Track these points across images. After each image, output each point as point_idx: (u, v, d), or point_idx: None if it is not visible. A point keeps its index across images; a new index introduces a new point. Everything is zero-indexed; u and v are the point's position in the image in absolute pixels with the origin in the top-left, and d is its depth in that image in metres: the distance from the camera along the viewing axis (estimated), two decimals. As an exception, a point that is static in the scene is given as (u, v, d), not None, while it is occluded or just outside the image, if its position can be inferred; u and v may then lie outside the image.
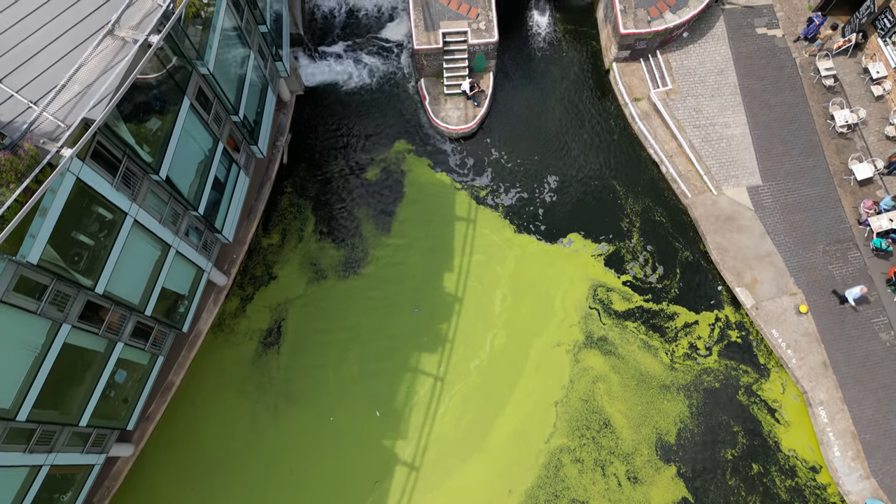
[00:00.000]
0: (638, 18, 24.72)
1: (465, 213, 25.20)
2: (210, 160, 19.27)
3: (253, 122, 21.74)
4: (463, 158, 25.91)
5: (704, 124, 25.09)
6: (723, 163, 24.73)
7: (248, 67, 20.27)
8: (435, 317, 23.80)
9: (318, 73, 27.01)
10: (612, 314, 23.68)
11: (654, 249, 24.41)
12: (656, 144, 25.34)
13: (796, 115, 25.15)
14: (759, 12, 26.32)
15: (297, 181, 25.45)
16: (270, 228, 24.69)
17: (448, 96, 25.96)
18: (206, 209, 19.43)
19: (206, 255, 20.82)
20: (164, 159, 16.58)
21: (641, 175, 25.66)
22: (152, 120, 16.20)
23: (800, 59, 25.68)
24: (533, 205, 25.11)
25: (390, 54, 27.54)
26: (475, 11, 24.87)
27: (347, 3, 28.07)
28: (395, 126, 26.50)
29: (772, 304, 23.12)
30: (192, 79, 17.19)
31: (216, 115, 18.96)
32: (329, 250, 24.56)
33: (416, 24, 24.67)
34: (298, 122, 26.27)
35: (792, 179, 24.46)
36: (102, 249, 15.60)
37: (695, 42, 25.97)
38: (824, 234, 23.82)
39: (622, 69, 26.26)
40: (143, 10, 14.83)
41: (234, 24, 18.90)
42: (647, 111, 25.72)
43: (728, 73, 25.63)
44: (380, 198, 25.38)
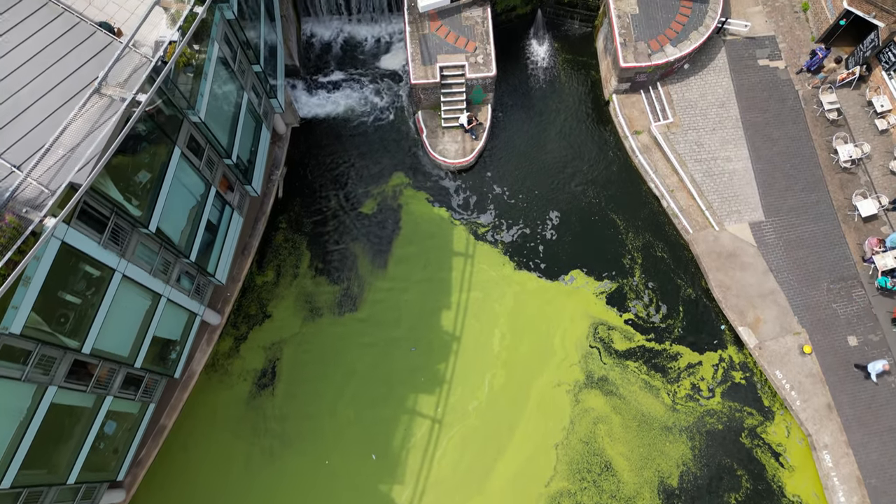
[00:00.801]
0: (638, 52, 24.36)
1: (462, 248, 24.81)
2: (202, 205, 18.90)
3: (247, 162, 21.38)
4: (461, 192, 25.53)
5: (706, 158, 24.71)
6: (725, 198, 24.35)
7: (242, 109, 19.91)
8: (432, 356, 23.39)
9: (314, 105, 26.63)
10: (613, 353, 23.27)
11: (657, 286, 24.02)
12: (657, 179, 24.96)
13: (799, 148, 24.78)
14: (760, 43, 25.96)
15: (293, 216, 25.05)
16: (265, 265, 24.29)
17: (446, 129, 25.58)
18: (198, 255, 19.06)
19: (198, 298, 20.44)
20: (154, 212, 16.21)
21: (642, 209, 25.28)
22: (141, 172, 15.82)
23: (802, 92, 25.31)
24: (533, 240, 24.72)
25: (387, 85, 27.16)
26: (473, 45, 24.50)
27: (343, 32, 27.71)
28: (392, 158, 26.12)
29: (775, 343, 22.72)
30: (182, 127, 16.82)
31: (208, 160, 18.59)
32: (324, 287, 24.16)
33: (413, 57, 24.29)
34: (294, 155, 25.89)
35: (795, 215, 24.08)
36: (90, 308, 15.21)
37: (696, 74, 25.60)
38: (828, 272, 23.43)
39: (622, 101, 25.89)
40: (131, 64, 14.47)
41: (226, 68, 18.53)
42: (648, 144, 25.34)
43: (730, 106, 25.26)
44: (376, 232, 24.98)
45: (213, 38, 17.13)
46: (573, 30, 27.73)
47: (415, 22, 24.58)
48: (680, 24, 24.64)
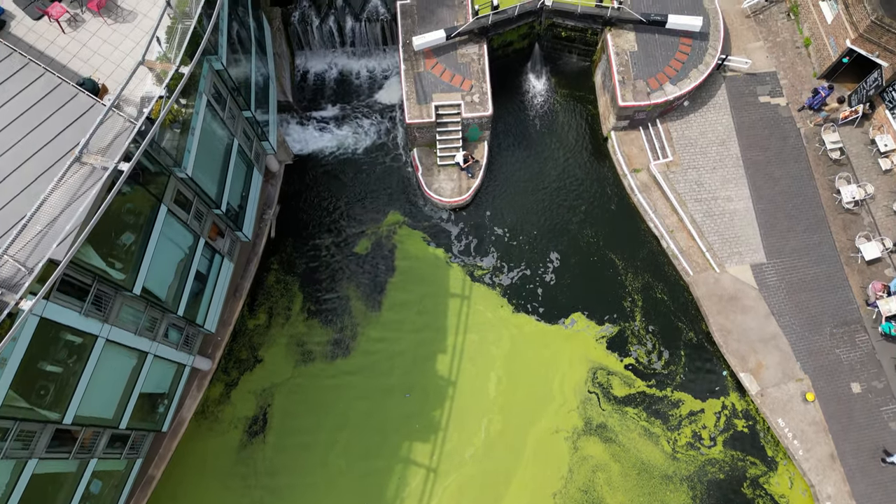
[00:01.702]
0: (637, 90, 23.93)
1: (459, 289, 24.34)
2: (190, 257, 18.45)
3: (238, 208, 20.94)
4: (458, 232, 25.06)
5: (706, 198, 24.27)
6: (725, 239, 23.90)
7: (232, 157, 19.46)
8: (427, 401, 22.91)
9: (307, 141, 26.19)
10: (612, 399, 22.79)
11: (657, 330, 23.54)
12: (656, 218, 24.51)
13: (801, 188, 24.34)
14: (761, 80, 25.53)
15: (285, 257, 24.59)
16: (256, 308, 23.82)
17: (441, 167, 25.13)
18: (186, 308, 18.59)
19: (187, 349, 19.97)
20: (139, 273, 15.75)
21: (641, 248, 24.83)
22: (125, 234, 15.37)
23: (804, 129, 24.89)
24: (531, 282, 24.25)
25: (382, 120, 26.73)
26: (469, 83, 24.07)
27: (337, 66, 27.27)
28: (387, 196, 25.67)
29: (777, 390, 22.25)
30: (169, 184, 16.38)
31: (197, 213, 18.14)
32: (317, 330, 23.68)
33: (408, 96, 23.86)
34: (287, 193, 25.43)
35: (797, 257, 23.63)
36: (71, 376, 14.74)
37: (696, 111, 25.17)
38: (831, 316, 22.96)
39: (621, 138, 25.45)
40: (114, 129, 14.03)
41: (215, 118, 18.08)
42: (647, 183, 24.91)
43: (730, 144, 24.83)
44: (370, 273, 24.52)
45: (200, 92, 16.70)
46: (571, 64, 27.30)
47: (410, 60, 24.17)
48: (679, 61, 24.22)
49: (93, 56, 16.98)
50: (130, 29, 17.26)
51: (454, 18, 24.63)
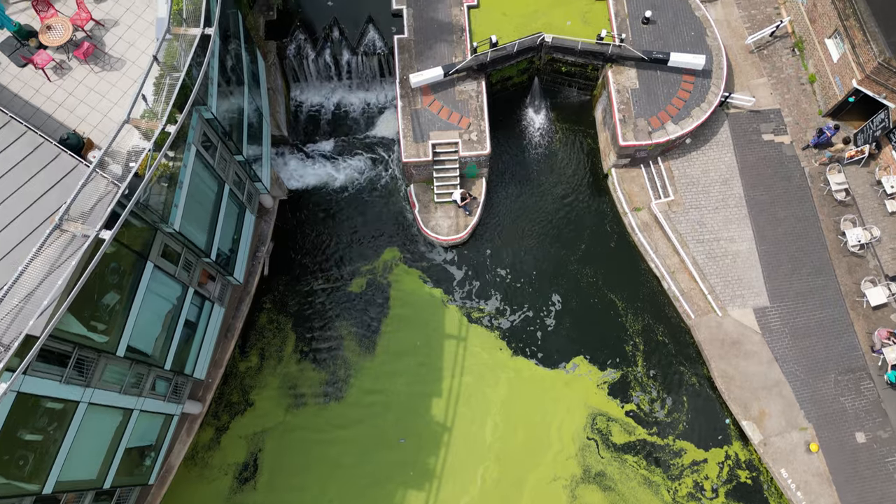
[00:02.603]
0: (638, 129, 23.46)
1: (455, 330, 23.84)
2: (179, 308, 17.97)
3: (229, 251, 20.48)
4: (455, 270, 24.57)
5: (708, 239, 23.78)
6: (728, 281, 23.41)
7: (223, 203, 18.99)
8: (421, 448, 22.39)
9: (303, 175, 25.71)
10: (612, 447, 22.27)
11: (659, 374, 23.01)
12: (657, 259, 24.02)
13: (806, 229, 23.85)
14: (765, 117, 25.05)
15: (278, 295, 24.10)
16: (248, 349, 23.32)
17: (438, 204, 24.66)
18: (174, 361, 18.12)
19: (176, 399, 19.48)
20: (124, 334, 15.28)
21: (641, 288, 24.33)
22: (109, 295, 14.90)
23: (809, 169, 24.41)
24: (530, 324, 23.74)
25: (379, 154, 26.26)
26: (466, 121, 23.61)
27: (334, 98, 26.80)
28: (383, 233, 25.19)
29: (780, 440, 21.73)
30: (156, 239, 15.92)
31: (185, 263, 17.68)
32: (309, 372, 23.18)
33: (405, 134, 23.40)
34: (281, 229, 24.95)
35: (801, 300, 23.12)
36: (51, 444, 14.25)
37: (698, 149, 24.69)
38: (836, 362, 22.44)
39: (621, 175, 24.97)
40: (97, 191, 13.56)
41: (205, 167, 17.62)
42: (648, 222, 24.42)
43: (733, 183, 24.34)
44: (365, 313, 24.03)
45: (189, 143, 16.24)
46: (571, 98, 26.83)
47: (406, 96, 23.71)
48: (682, 99, 23.74)
49: (79, 105, 16.53)
50: (118, 77, 16.82)
51: (452, 54, 24.19)
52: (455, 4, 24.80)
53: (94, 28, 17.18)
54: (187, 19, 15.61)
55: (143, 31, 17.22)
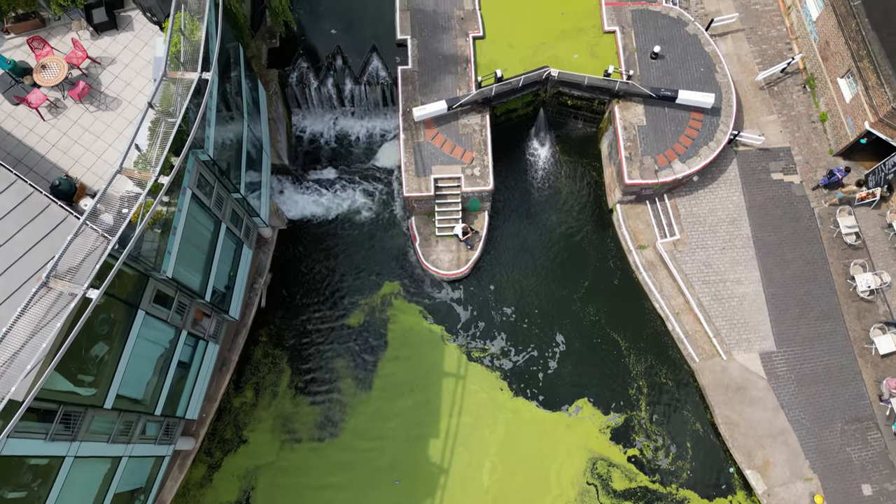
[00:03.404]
0: (644, 167, 23.01)
1: (454, 368, 23.40)
2: (171, 351, 17.59)
3: (225, 288, 20.10)
4: (455, 306, 24.12)
5: (714, 280, 23.29)
6: (734, 324, 22.91)
7: (219, 243, 18.61)
8: (417, 490, 21.94)
9: (303, 205, 25.32)
10: (612, 493, 21.77)
11: (662, 419, 22.52)
12: (662, 299, 23.54)
13: (814, 272, 23.33)
14: (775, 155, 24.56)
15: (274, 329, 23.69)
16: (243, 384, 22.92)
17: (440, 237, 24.24)
18: (165, 406, 17.73)
19: (167, 440, 19.09)
20: (112, 386, 14.90)
21: (645, 328, 23.83)
22: (97, 346, 14.53)
23: (819, 210, 23.89)
24: (532, 363, 23.27)
25: (380, 184, 25.84)
26: (469, 155, 23.19)
27: (336, 126, 26.41)
28: (383, 265, 24.77)
29: (785, 490, 21.21)
30: (147, 287, 15.54)
31: (179, 306, 17.29)
32: (304, 409, 22.76)
33: (407, 168, 23.00)
34: (280, 260, 24.58)
35: (809, 346, 22.59)
36: (36, 500, 13.87)
37: (706, 187, 24.20)
38: (842, 411, 21.91)
39: (626, 212, 24.50)
40: (86, 245, 13.18)
41: (201, 208, 17.24)
42: (653, 261, 23.94)
43: (741, 223, 23.85)
44: (362, 347, 23.61)
45: (184, 188, 15.87)
46: (577, 130, 26.37)
47: (409, 129, 23.31)
48: (690, 137, 23.28)
49: (73, 146, 16.19)
50: (113, 118, 16.48)
51: (456, 86, 23.79)
52: (460, 35, 24.41)
53: (90, 66, 16.84)
54: (185, 63, 15.24)
55: (140, 70, 16.88)
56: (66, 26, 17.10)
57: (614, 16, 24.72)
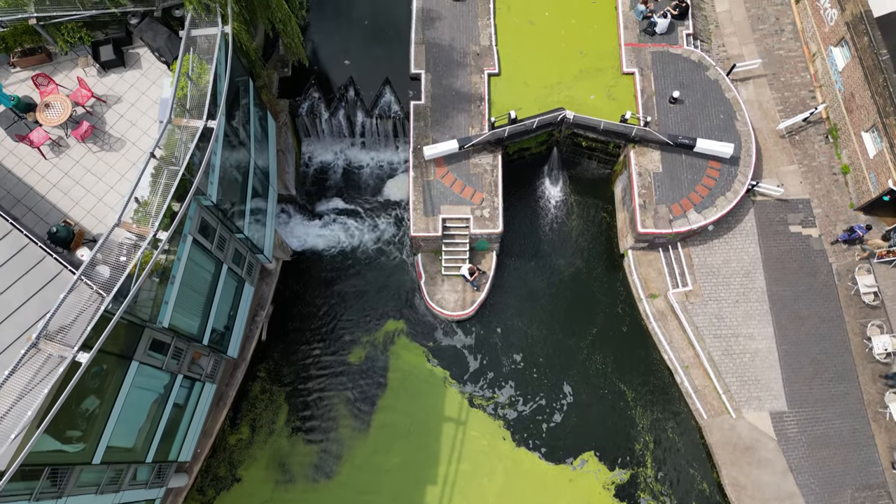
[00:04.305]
0: (658, 216, 22.41)
1: (455, 412, 22.86)
2: (165, 397, 17.18)
3: (224, 328, 19.69)
4: (459, 347, 23.58)
5: (726, 334, 22.64)
6: (744, 381, 22.25)
7: (219, 284, 18.19)
8: (413, 538, 21.50)
9: (308, 236, 24.89)
10: (610, 551, 21.23)
11: (668, 477, 21.84)
12: (671, 351, 22.92)
13: (830, 331, 22.63)
14: (793, 207, 23.88)
15: (273, 364, 23.24)
16: (239, 420, 22.49)
17: (446, 277, 23.74)
18: (156, 453, 17.30)
19: (159, 482, 18.67)
20: (102, 440, 14.49)
21: (652, 379, 23.21)
22: (88, 400, 14.11)
23: (837, 265, 23.19)
24: (537, 412, 22.66)
25: (388, 217, 25.35)
26: (480, 196, 22.68)
27: (345, 156, 25.97)
28: (387, 301, 24.27)
29: (791, 559, 20.57)
30: (143, 337, 15.14)
31: (175, 352, 16.88)
32: (300, 448, 22.30)
33: (415, 206, 22.51)
34: (282, 292, 24.16)
35: (821, 407, 21.89)
36: (17, 560, 13.48)
37: (721, 236, 23.55)
38: (853, 477, 21.19)
39: (638, 258, 23.89)
40: (79, 302, 12.78)
41: (201, 253, 16.81)
42: (664, 311, 23.33)
43: (756, 276, 23.19)
44: (361, 386, 23.13)
45: (185, 234, 15.46)
46: (590, 170, 25.78)
47: (419, 166, 22.83)
48: (706, 187, 22.66)
49: (74, 187, 15.82)
50: (116, 159, 16.11)
51: (469, 124, 23.30)
52: (475, 72, 23.92)
53: (95, 104, 16.48)
54: (191, 109, 14.83)
55: (145, 110, 16.50)
56: (72, 61, 16.76)
57: (634, 57, 24.15)
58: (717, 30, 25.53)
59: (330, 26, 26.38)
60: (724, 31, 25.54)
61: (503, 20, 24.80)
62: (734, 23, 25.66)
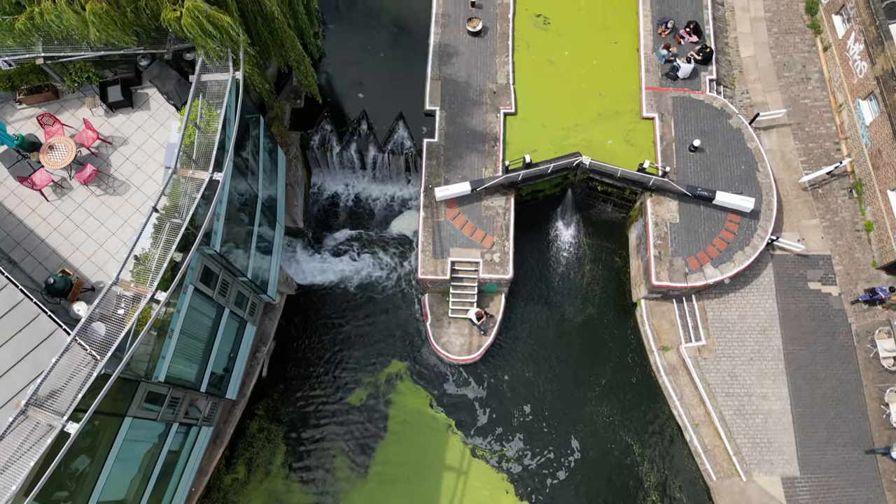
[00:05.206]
0: (674, 269, 21.78)
1: (456, 462, 22.27)
2: (160, 447, 16.69)
3: (224, 370, 19.22)
4: (464, 394, 22.97)
5: (739, 393, 21.94)
6: (756, 443, 21.53)
7: (220, 330, 17.71)
8: (407, 590, 20.93)
9: (314, 270, 24.43)
10: None
11: (669, 539, 21.29)
12: (681, 407, 22.24)
13: (846, 394, 21.89)
14: (814, 263, 23.16)
15: (272, 402, 22.75)
16: (235, 459, 22.02)
17: (453, 319, 23.19)
18: (149, 499, 16.81)
19: (149, 529, 18.20)
20: (92, 498, 14.00)
21: (661, 434, 22.52)
22: (79, 459, 13.65)
23: (856, 326, 22.44)
24: (542, 466, 21.96)
25: (397, 254, 24.85)
26: (490, 240, 22.13)
27: (354, 189, 25.50)
28: (391, 342, 23.73)
29: None
30: (137, 392, 14.67)
31: (171, 402, 16.41)
32: (296, 491, 21.77)
33: (424, 248, 21.99)
34: (285, 327, 23.69)
35: (835, 473, 21.14)
36: None
37: (737, 290, 22.86)
38: (867, 550, 20.52)
39: (651, 309, 23.24)
40: (72, 365, 12.32)
41: (202, 301, 16.35)
42: (675, 365, 22.66)
43: (772, 334, 22.48)
44: (361, 430, 22.58)
45: (186, 286, 15.00)
46: (605, 214, 25.16)
47: (430, 206, 22.31)
48: (724, 241, 22.01)
49: (74, 231, 15.41)
50: (120, 203, 15.69)
51: (483, 165, 22.76)
52: (491, 110, 23.39)
53: (101, 145, 16.08)
54: (197, 159, 14.39)
55: (152, 153, 16.09)
56: (79, 100, 16.38)
57: (654, 102, 23.55)
58: (741, 75, 24.88)
59: (345, 57, 25.95)
60: (748, 76, 24.89)
61: (522, 58, 24.29)
62: (759, 69, 25.00)
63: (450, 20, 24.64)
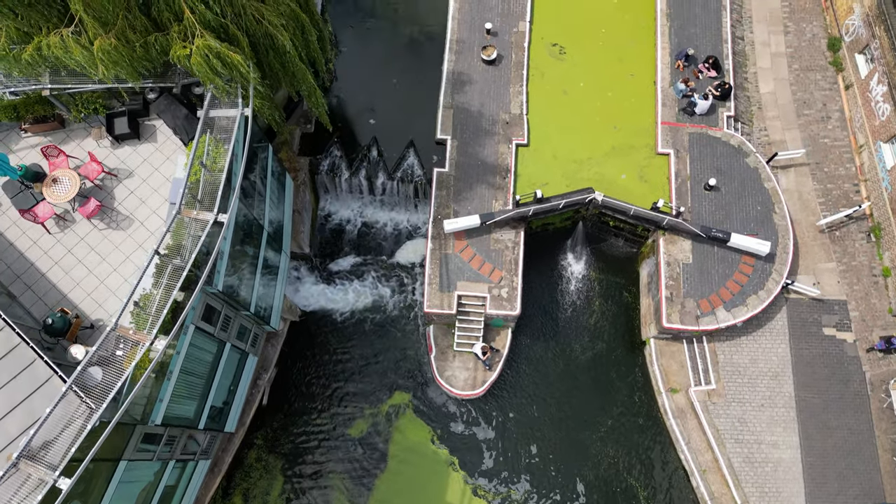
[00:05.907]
0: (685, 311, 21.30)
1: (457, 499, 21.86)
2: (156, 483, 16.35)
3: (223, 404, 18.88)
4: (467, 430, 22.51)
5: (748, 440, 21.42)
6: (765, 493, 20.99)
7: (220, 365, 17.37)
8: None
9: (319, 296, 24.05)
10: None
11: (671, 588, 20.80)
12: (688, 452, 21.74)
13: (859, 444, 21.33)
14: (829, 308, 22.62)
15: (271, 432, 22.38)
16: (232, 490, 21.66)
17: (457, 352, 22.78)
18: (143, 537, 16.50)
19: (142, 564, 17.86)
20: (82, 545, 13.70)
21: (666, 478, 22.01)
22: None
23: (871, 375, 21.88)
24: (536, 504, 21.69)
25: (403, 282, 24.46)
26: (499, 274, 21.72)
27: (362, 214, 25.13)
28: (394, 373, 23.33)
29: None
30: (133, 436, 14.33)
31: (168, 440, 16.07)
32: (295, 524, 21.50)
33: (431, 281, 21.59)
34: (287, 355, 23.34)
35: (845, 527, 20.67)
36: None
37: (749, 334, 22.34)
38: None
39: (661, 348, 22.75)
40: (66, 413, 11.98)
41: (203, 338, 16.00)
42: (684, 408, 22.17)
43: (783, 380, 21.95)
44: (360, 463, 22.19)
45: (187, 326, 14.67)
46: (616, 247, 24.70)
47: (438, 238, 21.93)
48: (738, 283, 21.52)
49: (76, 266, 15.12)
50: (122, 238, 15.39)
51: (493, 197, 22.36)
52: (503, 141, 22.99)
53: (105, 178, 15.78)
54: (202, 199, 14.06)
55: (157, 188, 15.78)
56: (85, 129, 16.11)
57: (670, 137, 23.10)
58: (760, 112, 24.39)
59: (357, 82, 25.60)
60: (766, 113, 24.40)
61: (536, 88, 23.89)
62: (778, 106, 24.50)
63: (464, 47, 24.28)
